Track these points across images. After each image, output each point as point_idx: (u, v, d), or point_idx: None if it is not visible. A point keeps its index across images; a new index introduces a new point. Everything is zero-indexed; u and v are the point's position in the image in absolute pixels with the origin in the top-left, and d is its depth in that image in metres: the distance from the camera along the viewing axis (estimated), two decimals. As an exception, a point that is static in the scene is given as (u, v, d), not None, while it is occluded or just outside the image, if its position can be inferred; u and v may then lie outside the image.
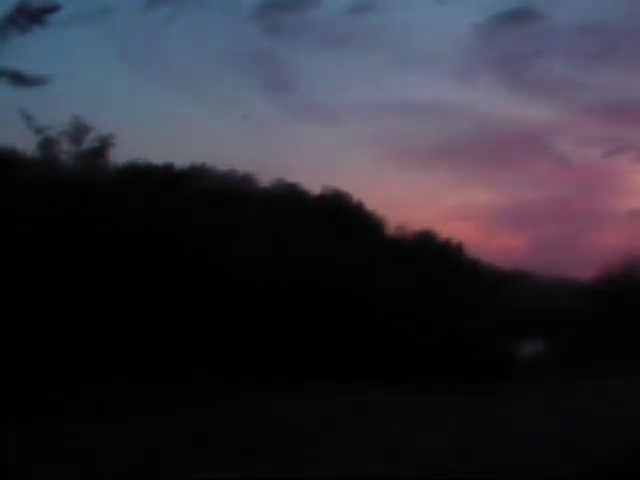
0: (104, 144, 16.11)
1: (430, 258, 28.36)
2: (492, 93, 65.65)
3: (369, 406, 11.23)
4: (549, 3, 60.00)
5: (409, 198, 61.24)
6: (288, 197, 32.39)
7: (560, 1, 58.62)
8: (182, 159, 35.18)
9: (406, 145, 67.35)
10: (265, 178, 35.53)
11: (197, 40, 59.36)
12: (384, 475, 6.16)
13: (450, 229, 79.25)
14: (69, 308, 12.39)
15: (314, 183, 46.32)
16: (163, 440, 8.04)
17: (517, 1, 65.29)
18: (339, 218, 31.38)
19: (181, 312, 14.48)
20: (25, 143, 16.13)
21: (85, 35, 56.65)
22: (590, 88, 56.06)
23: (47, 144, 15.57)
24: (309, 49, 64.36)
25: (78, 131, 15.73)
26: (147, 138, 45.11)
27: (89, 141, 15.92)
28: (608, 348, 18.57)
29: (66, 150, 15.84)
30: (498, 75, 69.31)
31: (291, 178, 36.38)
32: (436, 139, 66.37)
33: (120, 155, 19.71)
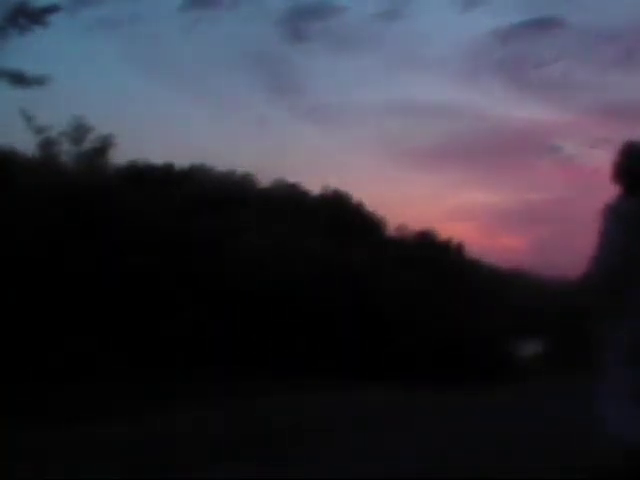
0: (104, 144, 16.13)
1: (430, 258, 28.33)
2: (500, 95, 66.00)
3: (369, 406, 11.23)
4: (571, 12, 60.52)
5: (410, 198, 61.35)
6: (288, 197, 32.41)
7: (582, 10, 59.00)
8: (182, 159, 35.25)
9: (407, 146, 67.51)
10: (265, 178, 35.60)
11: (212, 44, 59.53)
12: (383, 475, 6.16)
13: (450, 229, 79.40)
14: (69, 308, 12.40)
15: (316, 184, 46.42)
16: (163, 440, 8.04)
17: (541, 10, 66.29)
18: (339, 218, 31.38)
19: (181, 312, 14.49)
20: (25, 143, 16.16)
21: (86, 35, 56.76)
22: (599, 90, 56.35)
23: (47, 144, 15.57)
24: (324, 54, 64.79)
25: (78, 131, 15.75)
26: (147, 138, 45.19)
27: (89, 141, 15.94)
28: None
29: (66, 150, 15.86)
30: (508, 78, 69.58)
31: (292, 178, 36.45)
32: (440, 140, 66.51)
33: (120, 155, 19.75)
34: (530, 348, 24.08)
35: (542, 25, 60.25)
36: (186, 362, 13.50)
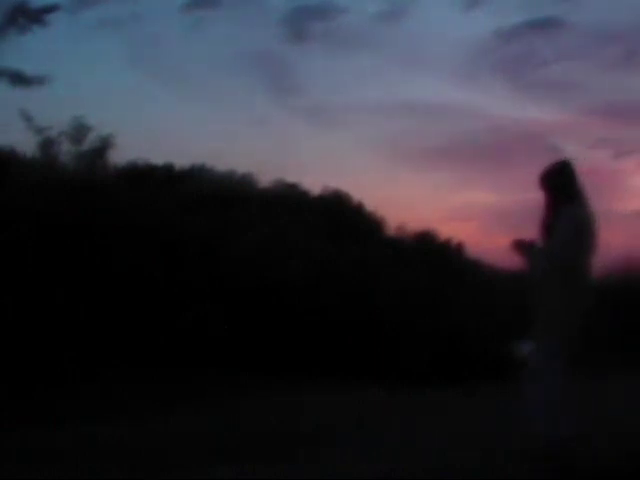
0: (104, 144, 16.10)
1: (430, 258, 28.31)
2: (500, 95, 65.72)
3: (369, 406, 11.23)
4: (571, 12, 60.46)
5: (410, 198, 61.18)
6: (288, 197, 32.37)
7: (582, 9, 58.94)
8: (182, 159, 35.17)
9: (408, 145, 67.40)
10: (265, 178, 35.55)
11: (213, 44, 59.26)
12: (383, 475, 6.16)
13: (450, 229, 79.22)
14: (68, 308, 12.39)
15: (316, 184, 46.21)
16: (163, 440, 8.04)
17: (541, 10, 66.02)
18: (339, 218, 31.35)
19: (181, 312, 14.49)
20: (25, 143, 16.13)
21: (86, 35, 56.69)
22: (599, 90, 56.26)
23: (47, 144, 15.55)
24: (324, 54, 64.28)
25: (78, 131, 15.71)
26: (147, 138, 45.06)
27: (89, 141, 15.91)
28: (608, 348, 18.56)
29: (66, 150, 15.83)
30: (508, 78, 69.35)
31: (292, 178, 36.36)
32: (440, 140, 66.38)
33: (120, 155, 19.70)
34: (530, 348, 24.06)
35: (542, 25, 60.28)
36: (186, 362, 13.50)
